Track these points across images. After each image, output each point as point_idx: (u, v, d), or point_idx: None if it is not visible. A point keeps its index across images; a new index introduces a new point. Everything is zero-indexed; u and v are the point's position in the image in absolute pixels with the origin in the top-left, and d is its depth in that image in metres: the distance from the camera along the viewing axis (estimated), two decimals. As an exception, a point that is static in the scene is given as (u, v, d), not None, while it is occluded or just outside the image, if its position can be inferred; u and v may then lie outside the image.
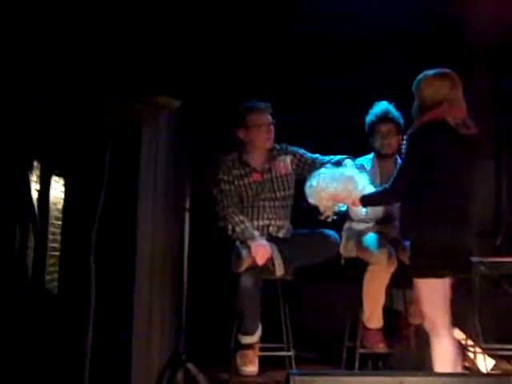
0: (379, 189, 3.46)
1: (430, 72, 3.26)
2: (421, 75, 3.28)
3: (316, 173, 3.55)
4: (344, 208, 3.58)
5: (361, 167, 3.86)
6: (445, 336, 3.12)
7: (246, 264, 3.52)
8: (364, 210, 3.58)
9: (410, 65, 3.57)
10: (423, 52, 4.66)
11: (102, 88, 2.35)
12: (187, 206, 4.49)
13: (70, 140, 2.63)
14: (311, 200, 3.48)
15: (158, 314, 3.36)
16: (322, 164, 3.85)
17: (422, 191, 3.16)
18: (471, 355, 4.03)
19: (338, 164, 3.79)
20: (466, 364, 3.93)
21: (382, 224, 3.92)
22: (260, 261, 3.53)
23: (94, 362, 2.48)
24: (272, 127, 3.87)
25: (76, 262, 2.55)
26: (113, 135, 2.51)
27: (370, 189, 3.45)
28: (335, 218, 3.68)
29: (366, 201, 3.40)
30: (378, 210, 3.89)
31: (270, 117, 3.88)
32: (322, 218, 3.50)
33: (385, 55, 4.78)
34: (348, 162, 3.83)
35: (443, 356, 3.12)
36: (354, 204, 3.42)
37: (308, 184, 3.51)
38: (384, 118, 3.92)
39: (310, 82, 4.80)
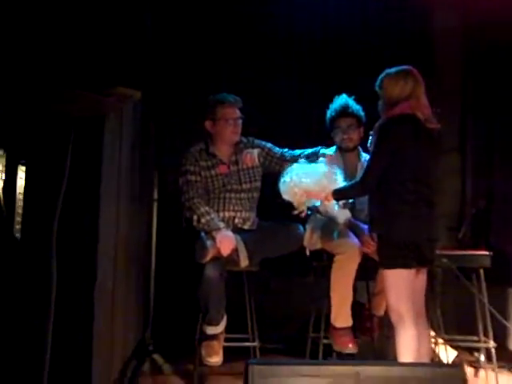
0: (351, 182, 3.49)
1: (392, 70, 3.31)
2: (383, 74, 3.32)
3: (289, 169, 3.57)
4: (318, 203, 3.60)
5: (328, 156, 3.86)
6: (411, 327, 3.17)
7: (210, 255, 3.52)
8: (336, 204, 3.61)
9: (376, 64, 3.58)
10: (391, 52, 4.70)
11: (63, 78, 2.34)
12: (155, 196, 4.53)
13: (31, 130, 2.61)
14: (285, 196, 3.50)
15: (122, 305, 3.36)
16: (292, 157, 3.87)
17: (392, 183, 3.19)
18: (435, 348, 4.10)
19: (313, 156, 3.81)
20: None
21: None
22: (225, 252, 3.55)
23: (53, 351, 2.48)
24: (240, 122, 3.88)
25: (37, 252, 2.54)
26: (75, 125, 2.49)
27: (342, 183, 3.48)
28: (309, 213, 3.73)
29: (338, 195, 3.43)
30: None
31: (238, 111, 3.88)
32: (296, 213, 3.52)
33: (352, 55, 4.81)
34: (324, 151, 3.85)
35: (407, 347, 3.17)
36: (326, 199, 3.44)
37: (281, 180, 3.52)
38: (343, 112, 3.94)
39: (278, 79, 4.81)
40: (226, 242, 3.57)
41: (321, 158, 3.73)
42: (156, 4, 4.28)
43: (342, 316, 3.72)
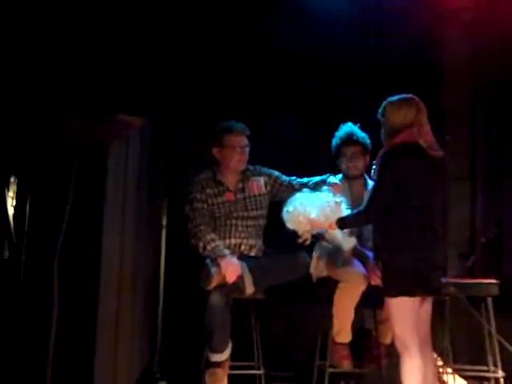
0: (355, 211, 3.46)
1: (394, 98, 3.31)
2: (385, 102, 3.32)
3: (293, 198, 3.55)
4: (322, 231, 3.59)
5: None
6: (416, 355, 3.13)
7: (215, 282, 3.53)
8: (340, 233, 3.61)
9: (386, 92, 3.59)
10: (400, 81, 4.72)
11: (66, 104, 2.38)
12: (164, 223, 4.54)
13: (37, 157, 2.65)
14: (289, 225, 3.49)
15: (127, 331, 3.37)
16: (300, 185, 3.88)
17: (395, 211, 3.18)
18: (444, 377, 4.05)
19: (322, 183, 3.81)
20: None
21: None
22: (230, 278, 3.55)
23: (55, 376, 2.49)
24: (247, 150, 3.91)
25: (39, 281, 2.56)
26: (79, 152, 2.54)
27: (346, 212, 3.48)
28: (314, 240, 3.72)
29: (343, 224, 3.41)
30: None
31: (245, 139, 3.91)
32: (301, 241, 3.51)
33: (361, 83, 4.83)
34: (331, 179, 3.85)
35: (412, 376, 3.12)
36: (330, 227, 3.44)
37: (285, 210, 3.51)
38: (349, 140, 3.96)
39: (286, 107, 4.83)
40: (231, 268, 3.57)
41: (324, 187, 3.72)
42: (168, 30, 4.35)
43: (342, 332, 3.76)
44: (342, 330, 3.75)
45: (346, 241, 3.74)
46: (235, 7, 4.77)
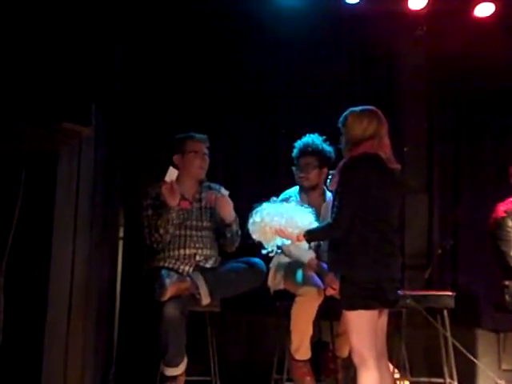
0: (323, 224, 3.39)
1: (357, 109, 3.28)
2: (347, 112, 3.28)
3: (259, 208, 3.42)
4: (288, 242, 3.53)
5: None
6: (373, 368, 3.10)
7: (169, 293, 3.44)
8: (307, 245, 3.57)
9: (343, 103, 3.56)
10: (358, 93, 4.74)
11: (11, 114, 2.30)
12: (121, 234, 4.46)
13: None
14: (255, 236, 3.40)
15: (78, 347, 3.27)
16: None
17: (354, 223, 3.14)
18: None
19: None
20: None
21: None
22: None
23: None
24: (207, 157, 3.88)
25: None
26: (26, 163, 2.46)
27: (314, 224, 3.42)
28: (278, 251, 3.67)
29: (311, 236, 3.33)
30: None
31: (206, 148, 3.89)
32: (265, 252, 3.44)
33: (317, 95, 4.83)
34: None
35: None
36: (298, 239, 3.37)
37: (251, 220, 3.38)
38: (303, 151, 3.95)
39: (247, 122, 4.80)
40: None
41: (292, 198, 3.69)
42: (127, 39, 4.30)
43: (301, 349, 3.71)
44: (301, 346, 3.70)
45: (305, 254, 3.71)
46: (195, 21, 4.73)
